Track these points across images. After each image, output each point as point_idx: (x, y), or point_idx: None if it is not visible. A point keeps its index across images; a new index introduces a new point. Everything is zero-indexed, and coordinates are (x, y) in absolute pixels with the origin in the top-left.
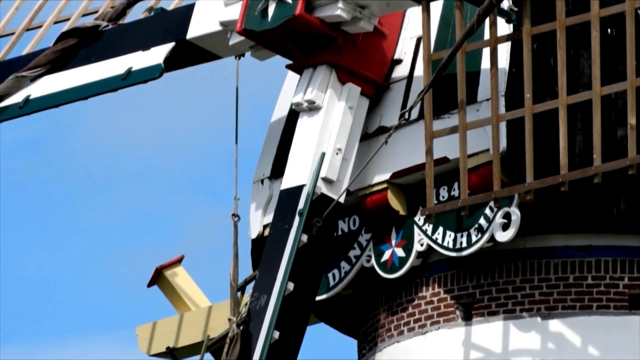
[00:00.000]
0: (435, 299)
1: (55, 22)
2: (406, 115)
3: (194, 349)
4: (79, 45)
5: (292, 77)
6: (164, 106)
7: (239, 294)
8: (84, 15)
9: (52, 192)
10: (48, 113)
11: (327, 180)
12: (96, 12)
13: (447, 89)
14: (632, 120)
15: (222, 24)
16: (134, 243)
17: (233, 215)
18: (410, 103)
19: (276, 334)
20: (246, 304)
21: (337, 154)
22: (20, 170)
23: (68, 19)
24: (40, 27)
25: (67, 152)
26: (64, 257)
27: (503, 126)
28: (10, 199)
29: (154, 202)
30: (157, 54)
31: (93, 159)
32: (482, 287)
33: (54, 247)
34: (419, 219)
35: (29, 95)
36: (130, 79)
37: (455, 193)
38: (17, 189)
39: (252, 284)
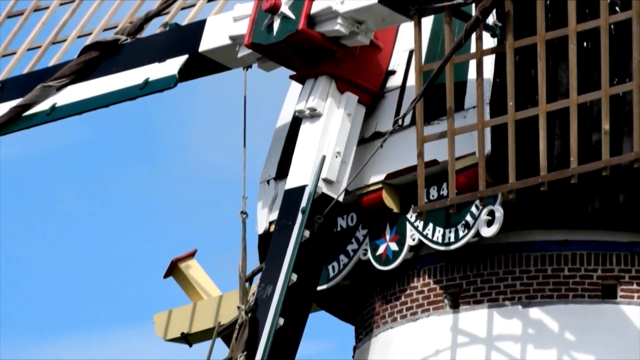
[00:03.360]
0: (425, 289)
1: (79, 36)
2: (399, 122)
3: (206, 334)
4: (101, 58)
5: (295, 86)
6: (176, 114)
7: (247, 284)
8: (105, 30)
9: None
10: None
11: (327, 181)
12: (116, 27)
13: (437, 98)
14: (606, 126)
15: (232, 38)
16: (151, 238)
17: (241, 212)
18: (403, 110)
19: (281, 321)
20: (254, 294)
21: (336, 157)
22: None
23: (90, 34)
24: (65, 40)
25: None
26: (88, 252)
27: (488, 131)
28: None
29: (171, 201)
30: (172, 66)
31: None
32: (469, 278)
33: (83, 244)
34: (411, 216)
35: (55, 103)
36: (147, 88)
37: (444, 192)
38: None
39: (259, 275)
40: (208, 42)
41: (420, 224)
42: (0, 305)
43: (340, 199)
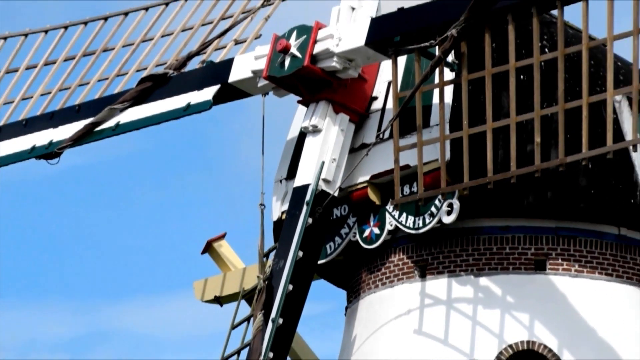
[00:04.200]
0: (400, 262)
1: (137, 70)
2: (381, 136)
3: (234, 297)
4: (154, 87)
5: (301, 109)
6: (227, 131)
7: (264, 259)
8: (157, 66)
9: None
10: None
11: (325, 181)
12: (165, 63)
13: (409, 117)
14: (537, 139)
15: (253, 72)
16: (192, 224)
17: (260, 204)
18: (383, 127)
19: (290, 287)
20: (269, 266)
21: (332, 162)
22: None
23: (145, 68)
24: (126, 74)
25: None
26: (147, 234)
27: (448, 143)
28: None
29: (212, 197)
30: (208, 93)
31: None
32: (433, 255)
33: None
34: (390, 207)
35: (119, 122)
36: (189, 110)
37: (415, 189)
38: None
39: (273, 252)
40: (235, 74)
41: (396, 213)
42: (87, 275)
43: (336, 194)
